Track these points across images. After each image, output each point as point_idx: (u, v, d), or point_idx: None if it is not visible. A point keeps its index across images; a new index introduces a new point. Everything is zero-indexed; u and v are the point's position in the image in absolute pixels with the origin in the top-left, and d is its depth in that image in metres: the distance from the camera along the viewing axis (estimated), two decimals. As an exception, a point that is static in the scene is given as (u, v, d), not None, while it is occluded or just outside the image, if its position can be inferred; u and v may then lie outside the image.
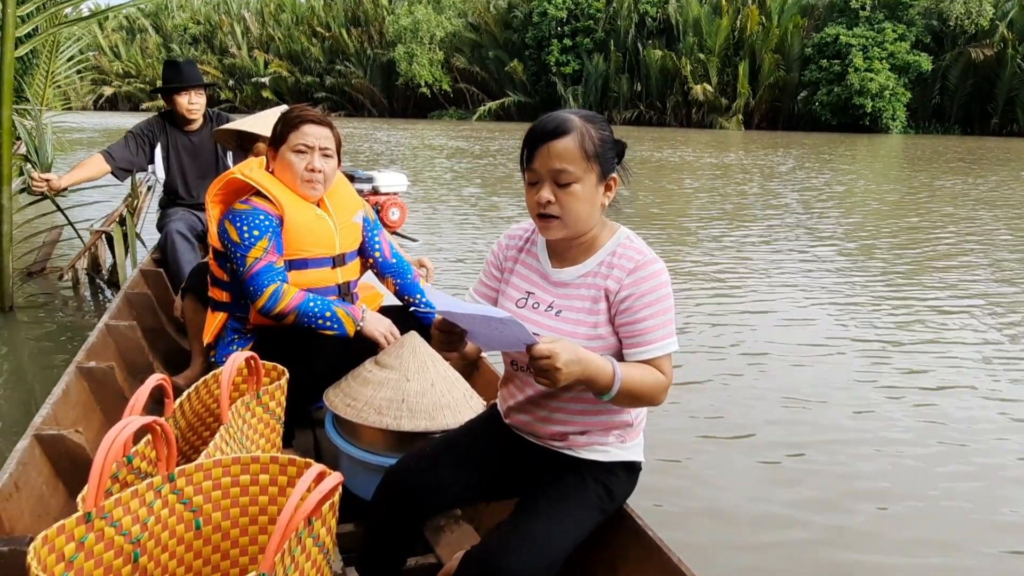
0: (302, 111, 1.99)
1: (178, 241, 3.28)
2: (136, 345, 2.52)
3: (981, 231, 7.59)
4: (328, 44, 45.39)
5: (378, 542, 1.44)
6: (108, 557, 1.11)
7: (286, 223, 1.94)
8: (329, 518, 1.15)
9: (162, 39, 51.64)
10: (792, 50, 34.00)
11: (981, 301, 4.83)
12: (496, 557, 1.19)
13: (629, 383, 1.21)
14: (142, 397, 1.29)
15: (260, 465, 1.29)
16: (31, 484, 1.58)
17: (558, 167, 1.24)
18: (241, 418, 1.56)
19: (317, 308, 1.89)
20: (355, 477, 1.74)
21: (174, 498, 1.23)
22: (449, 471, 1.40)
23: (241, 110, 42.50)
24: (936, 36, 32.60)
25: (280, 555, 0.98)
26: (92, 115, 36.27)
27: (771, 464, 2.62)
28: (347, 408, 1.73)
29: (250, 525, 1.31)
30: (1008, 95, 30.99)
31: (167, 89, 3.50)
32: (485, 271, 1.50)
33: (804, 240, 6.96)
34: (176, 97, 3.48)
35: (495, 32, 40.68)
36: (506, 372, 1.46)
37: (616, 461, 1.38)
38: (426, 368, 1.79)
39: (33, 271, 4.68)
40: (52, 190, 3.54)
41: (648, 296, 1.28)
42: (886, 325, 4.27)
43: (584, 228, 1.31)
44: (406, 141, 21.05)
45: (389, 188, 3.60)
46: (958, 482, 2.51)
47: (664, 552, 1.33)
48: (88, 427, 1.96)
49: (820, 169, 14.55)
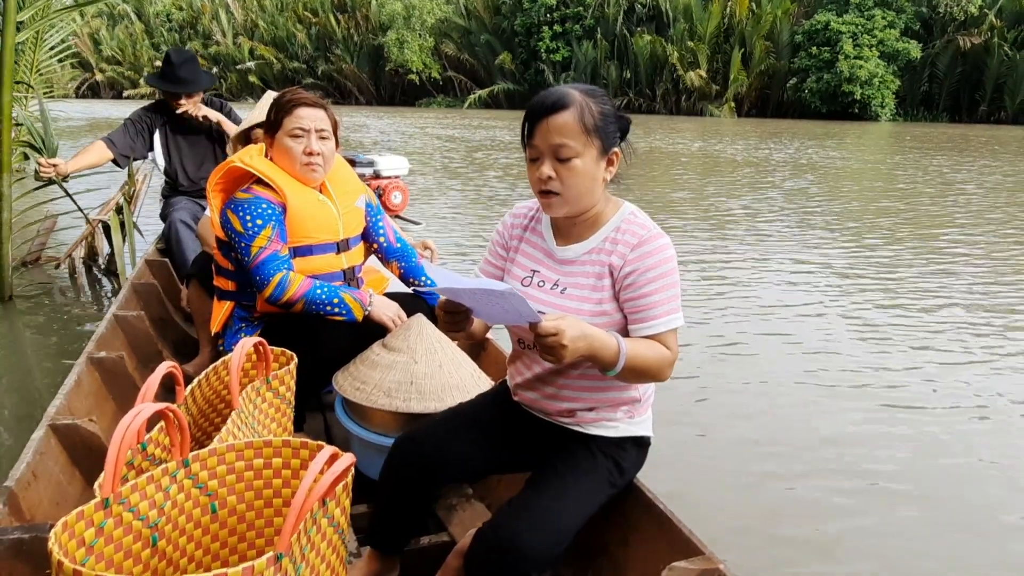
0: (294, 94, 1.96)
1: (182, 231, 3.27)
2: (145, 335, 2.53)
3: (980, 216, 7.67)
4: (315, 30, 44.89)
5: (390, 517, 1.45)
6: (127, 541, 1.12)
7: (289, 210, 1.93)
8: (343, 499, 1.17)
9: (144, 25, 50.85)
10: (782, 37, 33.95)
11: (979, 290, 4.89)
12: (507, 533, 1.20)
13: (634, 358, 1.22)
14: (153, 385, 1.29)
15: (273, 449, 1.30)
16: (48, 473, 1.60)
17: (557, 142, 1.24)
18: (252, 403, 1.56)
19: (324, 295, 1.89)
20: (366, 459, 1.76)
21: (189, 483, 1.24)
22: (458, 443, 1.41)
23: (226, 98, 41.99)
24: (925, 23, 32.65)
25: (296, 535, 1.00)
26: (75, 103, 35.73)
27: (781, 440, 2.66)
28: (356, 391, 1.74)
29: (265, 508, 1.32)
30: (996, 83, 31.12)
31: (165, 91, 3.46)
32: (491, 250, 1.49)
33: (817, 231, 7.01)
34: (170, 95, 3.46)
35: (485, 18, 40.36)
36: (513, 350, 1.47)
37: (625, 436, 1.40)
38: (434, 350, 1.80)
39: (28, 260, 4.64)
40: (59, 175, 3.53)
41: (653, 271, 1.28)
42: (891, 309, 4.31)
43: (586, 204, 1.31)
44: (404, 130, 20.89)
45: (391, 172, 3.59)
46: (965, 459, 2.56)
47: (675, 524, 1.35)
48: (101, 416, 1.98)
49: (839, 156, 14.55)
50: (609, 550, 1.49)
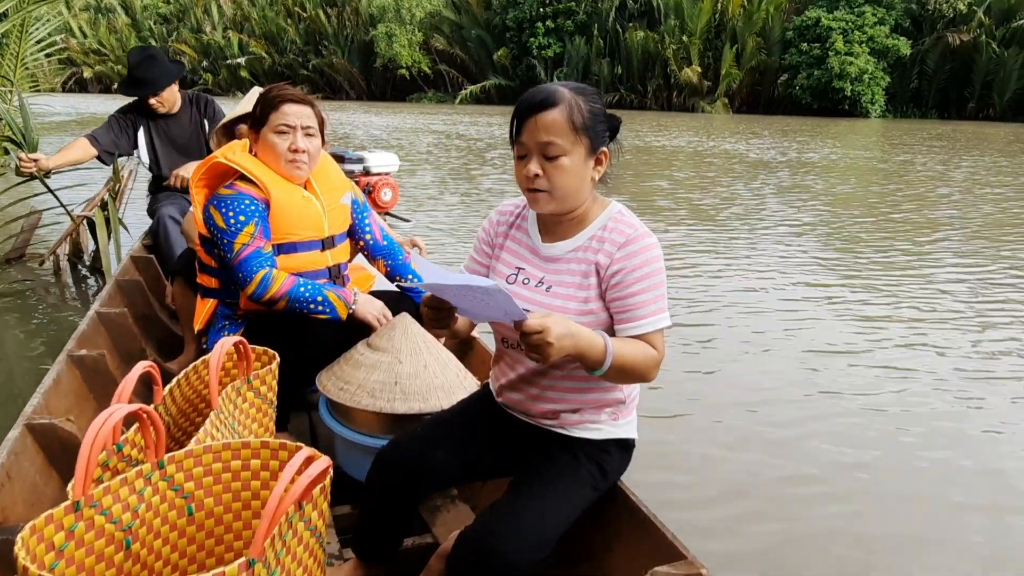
0: (281, 90, 1.94)
1: (170, 226, 3.23)
2: (128, 332, 2.49)
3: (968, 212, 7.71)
4: (305, 25, 44.61)
5: (373, 522, 1.44)
6: (99, 545, 1.10)
7: (273, 207, 1.91)
8: (321, 502, 1.15)
9: (131, 19, 50.35)
10: (773, 33, 34.02)
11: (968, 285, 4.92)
12: (490, 537, 1.19)
13: (621, 358, 1.20)
14: (129, 385, 1.27)
15: (251, 450, 1.28)
16: (24, 473, 1.57)
17: (545, 139, 1.23)
18: (232, 403, 1.54)
19: (308, 293, 1.87)
20: (350, 459, 1.74)
21: (164, 485, 1.22)
22: (441, 450, 1.40)
23: (216, 92, 41.72)
24: (915, 20, 32.80)
25: (270, 540, 0.98)
26: (62, 97, 35.37)
27: (765, 440, 2.66)
28: (340, 392, 1.72)
29: (243, 510, 1.30)
30: (984, 80, 31.32)
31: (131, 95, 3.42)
32: (476, 247, 1.48)
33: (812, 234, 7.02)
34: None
35: (476, 12, 40.20)
36: (497, 350, 1.45)
37: (609, 439, 1.39)
38: (419, 350, 1.78)
39: (12, 257, 4.58)
40: (41, 171, 3.48)
41: (639, 271, 1.26)
42: (887, 312, 4.33)
43: (574, 202, 1.30)
44: (396, 125, 20.77)
45: (380, 168, 3.55)
46: (952, 454, 2.57)
47: (658, 528, 1.34)
48: (80, 415, 1.94)
49: (830, 152, 14.62)
50: (592, 554, 1.48)
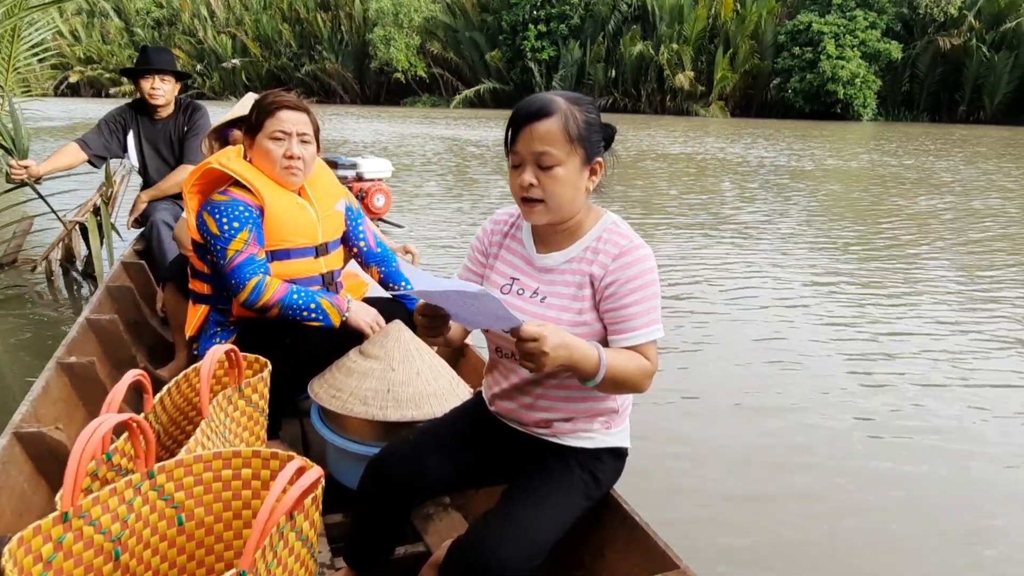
0: (277, 96, 1.93)
1: (163, 231, 3.22)
2: (118, 339, 2.47)
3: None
4: (299, 29, 44.57)
5: (365, 531, 1.43)
6: (88, 556, 1.09)
7: (267, 213, 1.90)
8: (312, 512, 1.14)
9: (124, 23, 50.21)
10: (766, 37, 34.22)
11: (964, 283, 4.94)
12: (483, 546, 1.19)
13: (614, 369, 1.20)
14: (119, 393, 1.26)
15: (242, 459, 1.27)
16: (12, 483, 1.55)
17: (540, 149, 1.23)
18: (223, 411, 1.53)
19: (301, 300, 1.86)
20: (342, 467, 1.73)
21: (155, 495, 1.21)
22: (433, 458, 1.39)
23: (209, 96, 41.62)
24: (906, 24, 33.06)
25: (261, 551, 0.97)
26: (54, 102, 35.18)
27: (756, 447, 2.66)
28: (332, 399, 1.71)
29: (234, 520, 1.29)
30: (975, 83, 31.57)
31: (132, 72, 3.45)
32: (470, 256, 1.48)
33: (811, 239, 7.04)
34: (141, 81, 3.44)
35: (472, 15, 40.26)
36: (491, 359, 1.45)
37: (602, 447, 1.38)
38: (411, 357, 1.77)
39: (4, 262, 4.55)
40: (31, 177, 3.47)
41: (633, 282, 1.26)
42: (881, 317, 4.34)
43: (568, 213, 1.30)
44: (391, 130, 20.74)
45: (373, 174, 3.56)
46: (950, 459, 2.58)
47: (651, 537, 1.34)
48: (70, 423, 1.92)
49: (823, 155, 14.69)
50: (585, 563, 1.47)
